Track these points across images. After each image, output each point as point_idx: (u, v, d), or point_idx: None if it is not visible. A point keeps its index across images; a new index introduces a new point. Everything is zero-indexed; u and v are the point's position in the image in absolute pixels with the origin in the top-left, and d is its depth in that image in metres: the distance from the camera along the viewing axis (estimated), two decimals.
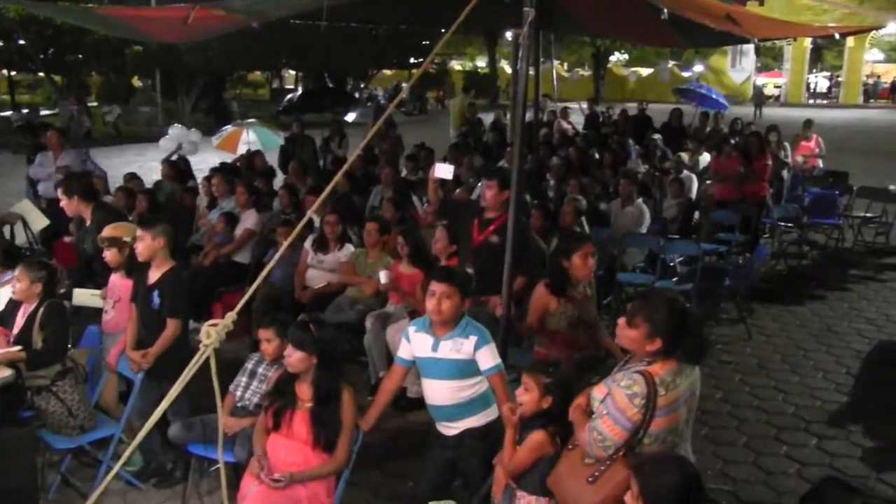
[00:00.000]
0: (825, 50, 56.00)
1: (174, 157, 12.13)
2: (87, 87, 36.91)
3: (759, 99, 41.14)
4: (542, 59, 10.87)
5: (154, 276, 5.62)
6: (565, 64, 55.13)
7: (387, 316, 7.07)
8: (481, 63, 58.22)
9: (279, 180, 12.31)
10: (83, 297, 6.65)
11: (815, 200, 13.22)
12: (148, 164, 16.87)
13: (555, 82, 21.68)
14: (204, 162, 14.34)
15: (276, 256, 5.67)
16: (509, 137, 14.95)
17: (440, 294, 4.41)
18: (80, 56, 31.44)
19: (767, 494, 5.81)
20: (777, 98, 51.12)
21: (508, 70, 42.22)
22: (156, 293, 5.56)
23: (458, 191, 9.80)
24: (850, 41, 47.38)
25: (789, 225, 12.78)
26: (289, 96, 25.80)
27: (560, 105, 19.96)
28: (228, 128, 15.08)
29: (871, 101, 51.86)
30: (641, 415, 3.52)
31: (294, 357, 4.53)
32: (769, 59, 57.62)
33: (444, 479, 4.69)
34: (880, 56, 57.25)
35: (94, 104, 36.41)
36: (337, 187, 9.72)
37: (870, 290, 10.86)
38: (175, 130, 13.06)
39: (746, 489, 5.88)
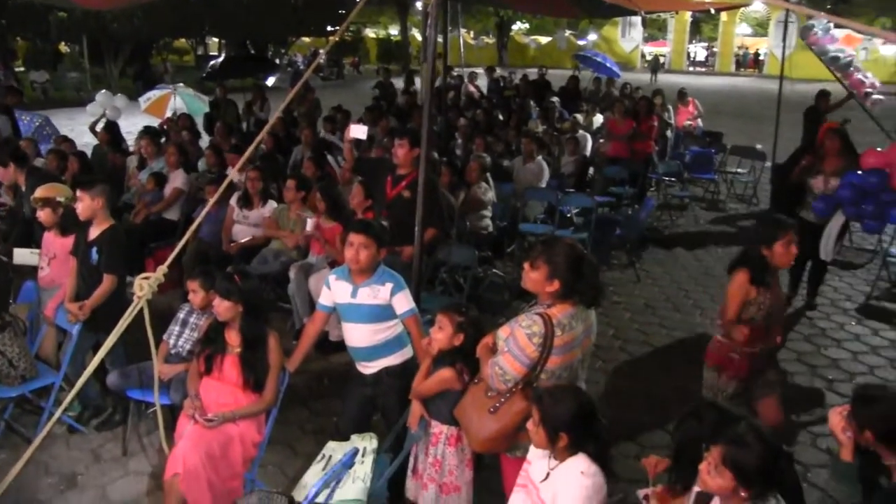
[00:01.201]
0: (703, 23, 57.00)
1: (101, 123, 11.71)
2: (13, 52, 35.13)
3: (656, 66, 41.87)
4: (449, 28, 10.83)
5: (94, 233, 5.46)
6: (471, 32, 54.86)
7: (309, 266, 7.01)
8: (394, 31, 57.51)
9: (205, 142, 12.03)
10: (23, 256, 6.43)
11: (694, 158, 13.54)
12: (79, 129, 16.25)
13: (461, 49, 21.61)
14: (134, 126, 13.91)
15: (204, 213, 5.60)
16: (420, 100, 14.87)
17: (358, 245, 4.40)
18: (3, 21, 29.87)
19: (654, 417, 5.99)
20: (662, 65, 52.02)
21: (419, 38, 41.83)
22: (94, 249, 5.41)
23: (372, 150, 9.72)
24: (723, 16, 48.41)
25: (672, 179, 13.04)
26: (212, 62, 24.98)
27: (467, 70, 19.89)
28: (156, 92, 14.67)
29: (742, 69, 53.12)
30: (539, 353, 3.56)
31: (222, 306, 4.50)
32: (655, 30, 58.33)
33: (364, 414, 4.71)
34: (749, 30, 58.59)
35: (21, 69, 34.82)
36: (260, 147, 9.59)
37: (740, 236, 11.17)
38: (101, 97, 12.66)
39: (635, 414, 6.04)
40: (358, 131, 6.65)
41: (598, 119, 14.57)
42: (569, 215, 10.00)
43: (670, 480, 3.40)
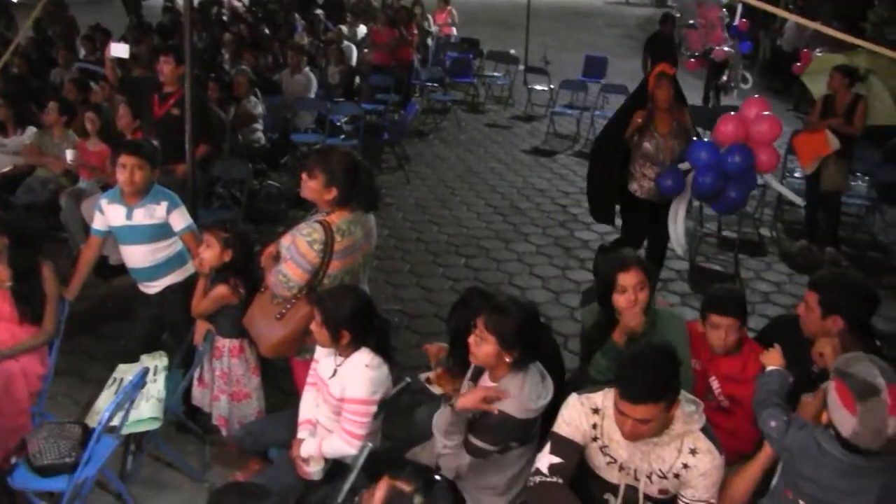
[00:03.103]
0: None
1: None
2: None
3: None
4: None
5: None
6: None
7: (80, 192, 6.55)
8: None
9: None
10: None
11: (454, 63, 13.75)
12: None
13: None
14: None
15: None
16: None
17: (131, 166, 4.20)
18: None
19: (430, 308, 6.26)
20: None
21: None
22: None
23: (137, 69, 9.11)
24: None
25: (434, 84, 13.21)
26: None
27: None
28: None
29: None
30: (320, 258, 3.59)
31: None
32: None
33: (153, 334, 4.60)
34: None
35: None
36: (10, 70, 8.72)
37: (499, 135, 11.64)
38: None
39: (413, 306, 6.29)
40: (119, 50, 6.23)
41: (362, 30, 14.42)
42: (338, 124, 9.96)
43: (448, 363, 3.57)
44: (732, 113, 5.96)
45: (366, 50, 12.71)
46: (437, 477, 2.35)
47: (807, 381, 2.88)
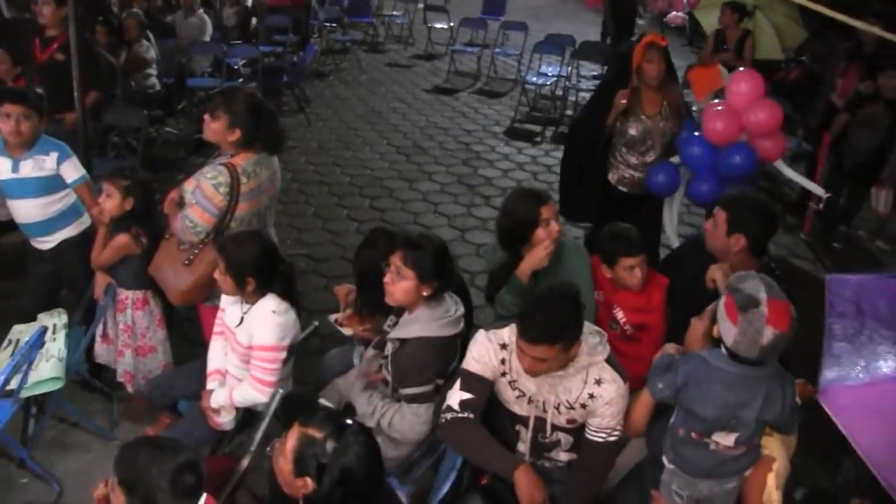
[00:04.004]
0: None
1: None
2: None
3: None
4: None
5: None
6: None
7: None
8: None
9: None
10: None
11: (352, 2, 13.38)
12: None
13: None
14: None
15: None
16: None
17: (16, 115, 3.92)
18: None
19: (336, 251, 6.19)
20: None
21: None
22: None
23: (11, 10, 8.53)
24: None
25: (333, 24, 12.90)
26: None
27: None
28: None
29: None
30: (226, 201, 3.49)
31: None
32: None
33: (50, 291, 4.38)
34: None
35: None
36: None
37: (400, 75, 11.48)
38: None
39: (319, 250, 6.20)
40: None
41: None
42: (236, 67, 9.60)
43: (357, 305, 3.54)
44: (717, 104, 4.73)
45: None
46: (349, 421, 2.32)
47: (706, 302, 2.95)
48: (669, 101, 4.78)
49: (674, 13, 12.01)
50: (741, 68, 5.44)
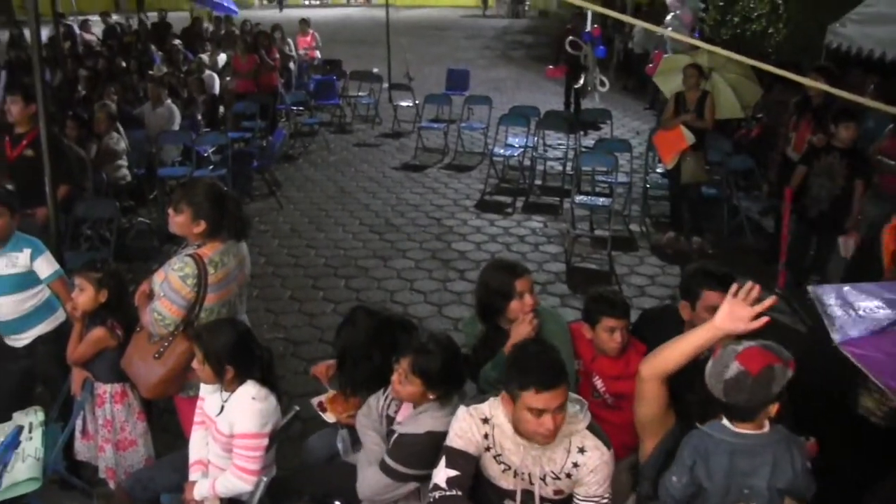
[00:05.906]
0: None
1: None
2: None
3: (281, 1, 40.91)
4: None
5: None
6: None
7: None
8: None
9: None
10: None
11: (318, 86, 13.67)
12: None
13: None
14: None
15: None
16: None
17: None
18: None
19: (314, 333, 6.16)
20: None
21: None
22: None
23: None
24: None
25: (300, 108, 13.09)
26: None
27: (80, 18, 18.16)
28: None
29: (351, 0, 53.70)
30: (195, 293, 3.49)
31: None
32: None
33: (24, 389, 4.33)
34: None
35: None
36: None
37: (368, 154, 11.61)
38: None
39: (296, 332, 6.18)
40: None
41: (223, 58, 14.14)
42: (206, 154, 9.70)
43: (340, 385, 3.52)
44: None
45: (228, 78, 12.46)
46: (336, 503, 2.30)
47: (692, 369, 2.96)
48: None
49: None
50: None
